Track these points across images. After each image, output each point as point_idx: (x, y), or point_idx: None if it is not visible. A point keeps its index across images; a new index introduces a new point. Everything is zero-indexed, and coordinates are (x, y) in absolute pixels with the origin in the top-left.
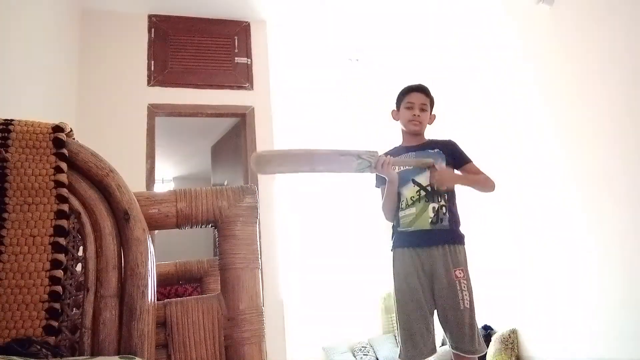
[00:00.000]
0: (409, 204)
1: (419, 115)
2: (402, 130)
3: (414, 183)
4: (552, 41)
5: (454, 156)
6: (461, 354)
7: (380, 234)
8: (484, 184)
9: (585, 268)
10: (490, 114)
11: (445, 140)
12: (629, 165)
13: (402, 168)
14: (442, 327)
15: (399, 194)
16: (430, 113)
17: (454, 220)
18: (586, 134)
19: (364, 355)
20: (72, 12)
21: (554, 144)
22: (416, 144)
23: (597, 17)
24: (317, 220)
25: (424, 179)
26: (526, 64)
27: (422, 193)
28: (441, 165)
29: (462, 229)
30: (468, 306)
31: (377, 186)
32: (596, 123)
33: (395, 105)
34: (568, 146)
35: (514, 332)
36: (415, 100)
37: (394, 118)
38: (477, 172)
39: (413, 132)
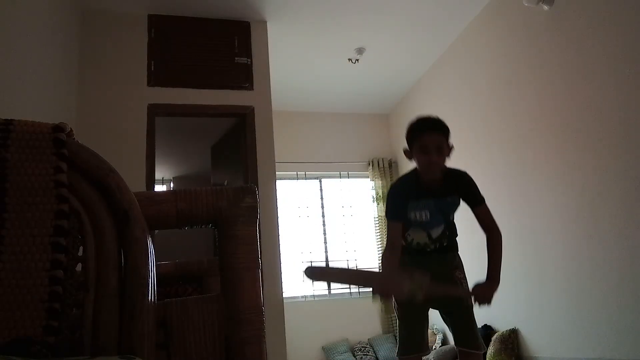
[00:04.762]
0: (414, 246)
1: (436, 160)
2: (417, 169)
3: (426, 233)
4: (552, 41)
5: (468, 197)
6: (469, 350)
7: (380, 234)
8: (501, 246)
9: (585, 268)
10: (489, 114)
11: (460, 177)
12: (628, 164)
13: (418, 217)
14: (450, 326)
15: (406, 229)
16: (447, 145)
17: (452, 233)
18: (585, 135)
19: (364, 355)
20: (72, 12)
21: (552, 145)
22: (435, 187)
23: (597, 17)
24: (317, 220)
25: (436, 231)
26: (526, 63)
27: (432, 246)
28: (477, 289)
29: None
30: (471, 304)
31: (388, 217)
32: (596, 124)
33: (406, 141)
34: (566, 147)
35: (514, 332)
36: (429, 142)
37: (407, 158)
38: (488, 218)
39: (432, 178)
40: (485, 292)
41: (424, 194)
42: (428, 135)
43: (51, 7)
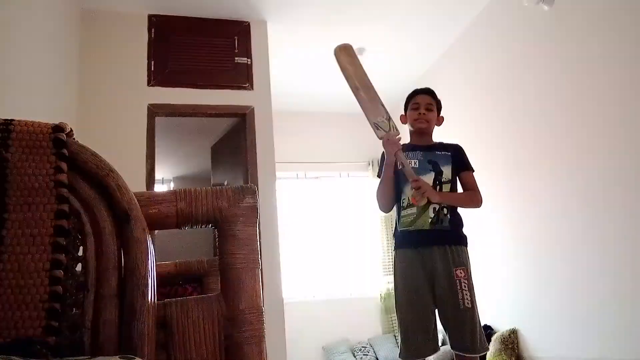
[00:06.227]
0: (410, 203)
1: (424, 114)
2: (410, 132)
3: None
4: (552, 41)
5: (458, 160)
6: (461, 354)
7: (380, 234)
8: (468, 202)
9: (585, 268)
10: (490, 114)
11: (453, 144)
12: (628, 165)
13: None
14: (443, 327)
15: (400, 192)
16: (438, 115)
17: (455, 221)
18: (585, 135)
19: (363, 355)
20: (72, 12)
21: (553, 145)
22: (425, 144)
23: (597, 17)
24: (317, 220)
25: (426, 179)
26: (526, 64)
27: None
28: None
29: (464, 229)
30: (469, 305)
31: (378, 176)
32: (595, 124)
33: (403, 110)
34: (567, 147)
35: (514, 332)
36: (420, 100)
37: (402, 122)
38: (471, 183)
39: (420, 131)
40: (422, 184)
41: (413, 148)
42: (419, 96)
43: (51, 6)
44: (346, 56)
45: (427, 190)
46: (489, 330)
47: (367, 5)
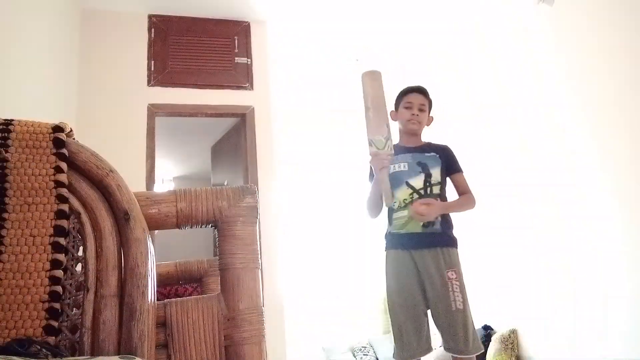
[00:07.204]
0: (402, 206)
1: (417, 115)
2: (400, 130)
3: (407, 185)
4: (553, 41)
5: (447, 162)
6: (454, 355)
7: (380, 234)
8: (466, 207)
9: (585, 268)
10: (490, 114)
11: (442, 145)
12: (628, 164)
13: (397, 168)
14: (436, 328)
15: (392, 195)
16: (428, 115)
17: (446, 224)
18: (584, 133)
19: (364, 355)
20: (72, 12)
21: (551, 144)
22: (414, 145)
23: (597, 17)
24: (317, 220)
25: (417, 181)
26: (527, 64)
27: (415, 196)
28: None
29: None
30: (461, 307)
31: (370, 180)
32: (595, 123)
33: (394, 106)
34: (565, 146)
35: (514, 332)
36: (414, 100)
37: (392, 119)
38: (463, 184)
39: (411, 132)
40: (422, 205)
41: (403, 150)
42: (413, 95)
43: (51, 6)
44: (369, 80)
45: (427, 213)
46: (489, 330)
47: (369, 4)
